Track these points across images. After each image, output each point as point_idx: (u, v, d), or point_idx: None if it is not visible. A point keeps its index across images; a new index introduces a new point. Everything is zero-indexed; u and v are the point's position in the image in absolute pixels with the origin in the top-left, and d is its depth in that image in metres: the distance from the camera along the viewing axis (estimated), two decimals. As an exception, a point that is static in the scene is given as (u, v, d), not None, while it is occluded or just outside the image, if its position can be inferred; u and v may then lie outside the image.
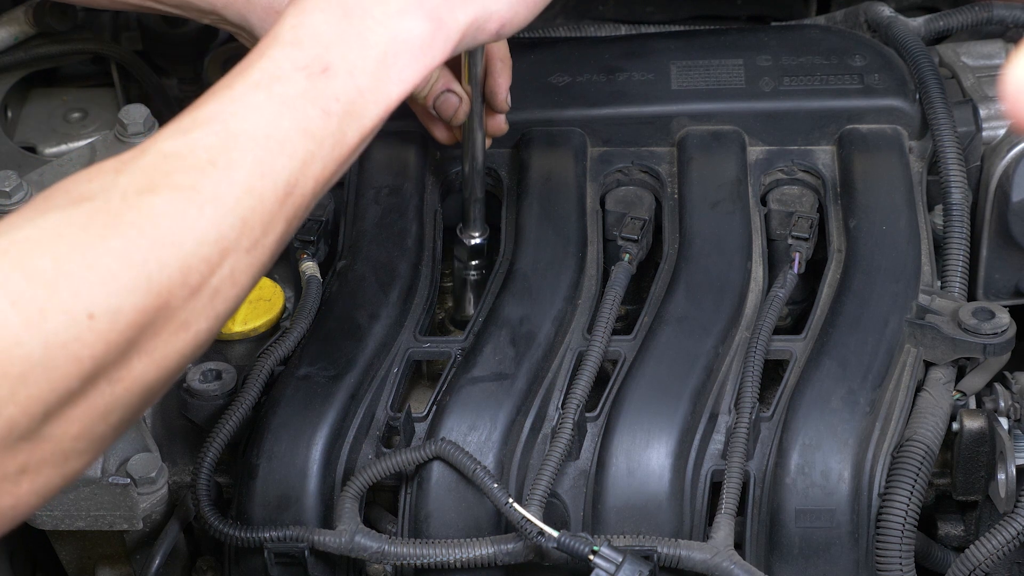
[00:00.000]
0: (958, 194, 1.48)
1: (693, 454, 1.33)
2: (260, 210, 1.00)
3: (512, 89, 1.45)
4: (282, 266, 1.49)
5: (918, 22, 1.65)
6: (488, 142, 1.45)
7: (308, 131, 1.04)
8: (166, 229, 0.95)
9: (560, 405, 1.35)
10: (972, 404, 1.38)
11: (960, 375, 1.39)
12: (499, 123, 1.46)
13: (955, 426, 1.35)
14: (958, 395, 1.38)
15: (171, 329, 0.95)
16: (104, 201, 0.94)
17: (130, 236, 0.93)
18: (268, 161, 1.01)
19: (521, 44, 1.53)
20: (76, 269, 0.90)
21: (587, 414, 1.35)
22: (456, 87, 1.37)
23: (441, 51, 1.12)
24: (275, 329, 1.46)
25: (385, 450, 1.35)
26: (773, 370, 1.43)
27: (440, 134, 1.46)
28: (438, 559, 1.29)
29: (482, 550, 1.29)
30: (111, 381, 0.92)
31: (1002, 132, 1.54)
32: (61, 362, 0.88)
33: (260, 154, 1.01)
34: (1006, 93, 0.78)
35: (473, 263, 1.50)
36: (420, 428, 1.36)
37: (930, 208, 1.51)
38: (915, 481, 1.28)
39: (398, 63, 1.09)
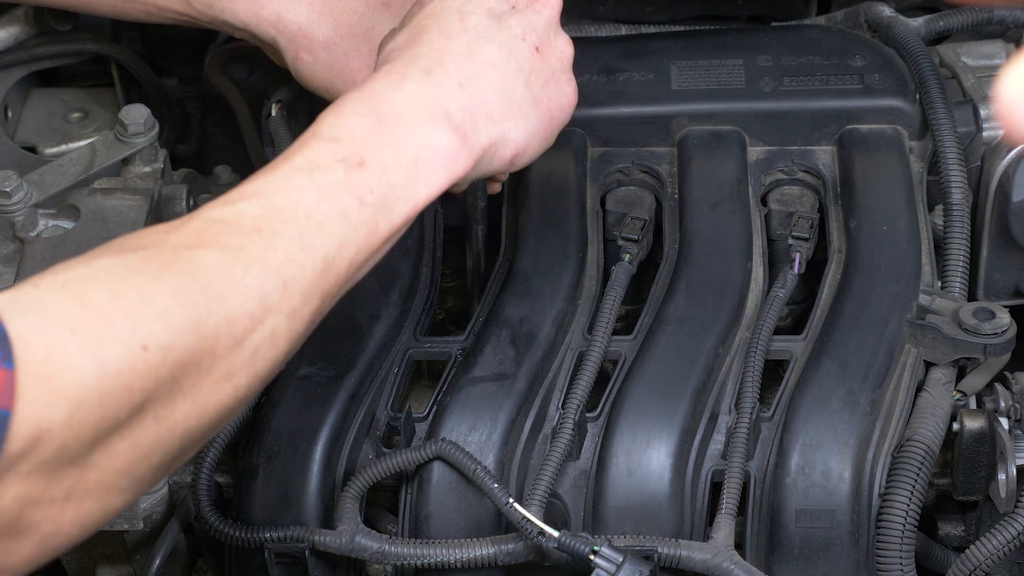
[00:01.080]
0: (958, 194, 1.48)
1: (693, 454, 1.33)
2: (300, 279, 1.05)
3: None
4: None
5: (918, 22, 1.65)
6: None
7: (345, 216, 1.09)
8: (215, 279, 1.00)
9: (560, 405, 1.35)
10: (972, 404, 1.38)
11: (960, 375, 1.39)
12: (495, 187, 1.49)
13: (955, 426, 1.35)
14: (958, 395, 1.38)
15: (215, 377, 0.99)
16: (156, 252, 0.99)
17: (182, 281, 0.98)
18: (308, 236, 1.06)
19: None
20: (132, 303, 0.94)
21: (587, 414, 1.35)
22: None
23: (464, 165, 1.19)
24: (275, 329, 1.46)
25: (385, 450, 1.35)
26: (773, 370, 1.43)
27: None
28: (438, 559, 1.29)
29: (482, 550, 1.29)
30: (157, 419, 0.95)
31: (1002, 132, 1.54)
32: (114, 390, 0.91)
33: (301, 228, 1.06)
34: (999, 104, 0.78)
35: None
36: (420, 428, 1.36)
37: (930, 208, 1.51)
38: (915, 481, 1.28)
39: (427, 168, 1.16)
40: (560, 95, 1.28)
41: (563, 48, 1.30)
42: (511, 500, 1.27)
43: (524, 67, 1.25)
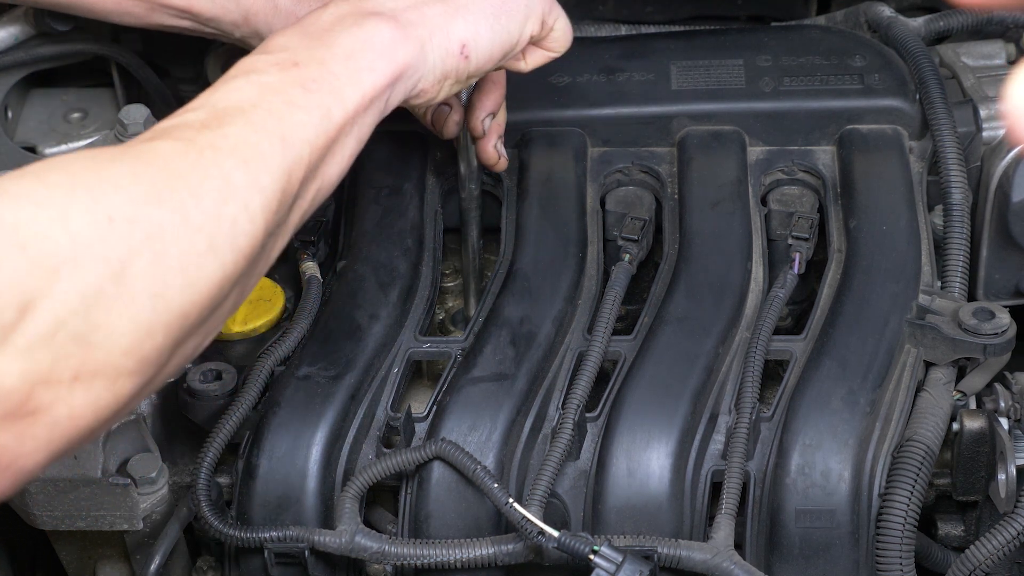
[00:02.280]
0: (958, 194, 1.48)
1: (693, 454, 1.33)
2: (258, 157, 1.08)
3: (512, 89, 1.45)
4: (282, 266, 1.49)
5: (918, 22, 1.65)
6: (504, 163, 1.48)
7: (291, 102, 1.12)
8: (170, 161, 1.03)
9: (560, 405, 1.35)
10: (972, 404, 1.38)
11: (960, 375, 1.39)
12: (487, 153, 1.47)
13: (955, 426, 1.35)
14: (958, 395, 1.38)
15: (198, 250, 1.01)
16: (108, 149, 1.03)
17: (136, 163, 1.01)
18: (257, 121, 1.09)
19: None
20: (89, 181, 0.98)
21: (587, 414, 1.35)
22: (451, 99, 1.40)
23: (406, 52, 1.22)
24: (275, 329, 1.46)
25: (385, 450, 1.35)
26: (773, 370, 1.43)
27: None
28: (438, 559, 1.29)
29: (482, 550, 1.29)
30: (151, 295, 0.97)
31: (1002, 132, 1.54)
32: (89, 259, 0.94)
33: (249, 117, 1.09)
34: (1007, 103, 0.78)
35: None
36: (420, 428, 1.36)
37: (930, 208, 1.51)
38: (915, 481, 1.28)
39: (366, 57, 1.19)
40: None
41: None
42: (511, 500, 1.27)
43: None
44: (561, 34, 1.36)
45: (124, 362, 0.96)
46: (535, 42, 1.35)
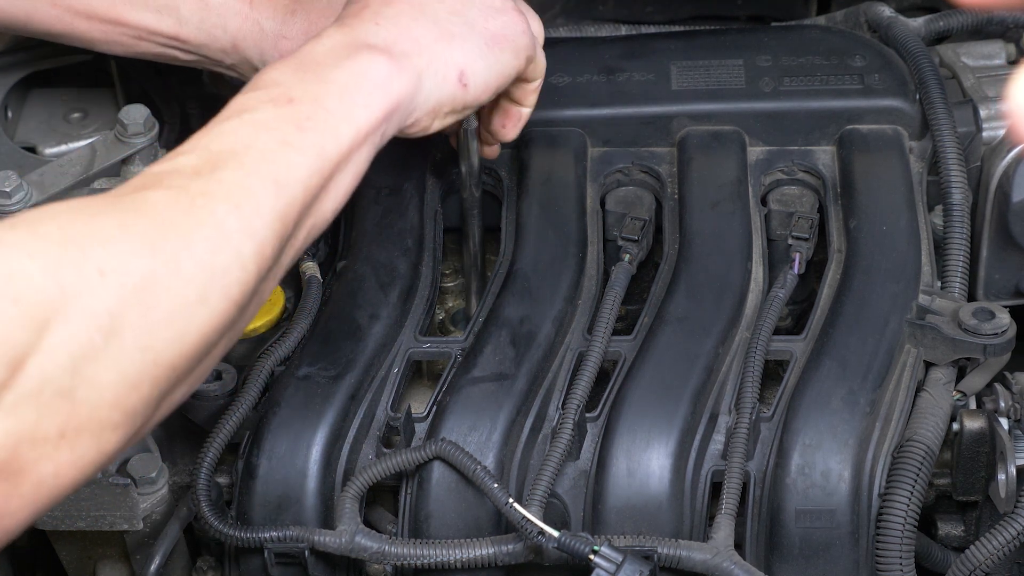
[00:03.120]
0: (958, 194, 1.48)
1: (693, 454, 1.33)
2: (252, 201, 1.06)
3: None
4: (282, 266, 1.49)
5: (918, 22, 1.65)
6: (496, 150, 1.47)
7: (286, 142, 1.11)
8: (162, 211, 1.02)
9: (560, 405, 1.35)
10: (972, 404, 1.38)
11: (960, 375, 1.39)
12: (492, 150, 1.49)
13: (955, 426, 1.35)
14: (958, 395, 1.38)
15: (189, 301, 1.00)
16: (99, 198, 1.02)
17: (128, 214, 1.00)
18: (251, 165, 1.08)
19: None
20: (80, 233, 0.97)
21: (587, 414, 1.35)
22: None
23: (402, 85, 1.21)
24: (275, 329, 1.46)
25: (385, 450, 1.35)
26: (773, 370, 1.43)
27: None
28: (438, 559, 1.29)
29: (482, 550, 1.29)
30: (140, 348, 0.96)
31: (1002, 132, 1.54)
32: (80, 313, 0.93)
33: (242, 160, 1.08)
34: (1010, 101, 0.78)
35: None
36: (420, 428, 1.36)
37: (930, 208, 1.51)
38: (915, 481, 1.28)
39: (361, 91, 1.18)
40: (496, 16, 1.30)
41: None
42: (511, 500, 1.27)
43: (447, 3, 1.28)
44: (540, 67, 1.38)
45: (110, 416, 0.95)
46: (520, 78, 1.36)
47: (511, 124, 1.42)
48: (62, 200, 1.01)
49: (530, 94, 1.40)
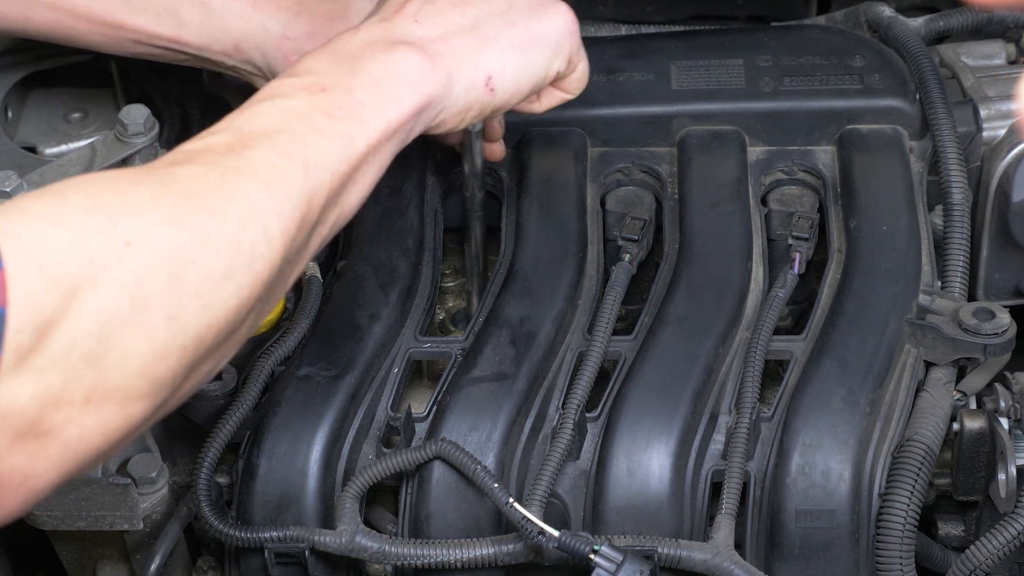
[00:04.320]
0: (958, 194, 1.48)
1: (693, 454, 1.33)
2: (281, 180, 1.08)
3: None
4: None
5: (918, 22, 1.65)
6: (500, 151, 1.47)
7: (316, 128, 1.12)
8: (192, 184, 1.03)
9: (560, 405, 1.35)
10: (972, 404, 1.38)
11: (960, 375, 1.39)
12: (494, 150, 1.49)
13: (955, 426, 1.35)
14: (958, 395, 1.38)
15: (216, 276, 1.01)
16: (130, 172, 1.04)
17: (157, 187, 1.01)
18: (281, 146, 1.09)
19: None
20: (109, 202, 0.97)
21: (587, 414, 1.35)
22: None
23: (433, 84, 1.22)
24: (275, 329, 1.46)
25: (385, 450, 1.35)
26: (773, 370, 1.43)
27: None
28: (438, 559, 1.29)
29: (482, 550, 1.29)
30: (167, 317, 0.97)
31: (1002, 132, 1.54)
32: (107, 282, 0.94)
33: (274, 141, 1.09)
34: (1021, 104, 0.78)
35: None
36: (420, 428, 1.36)
37: (930, 208, 1.51)
38: (915, 481, 1.28)
39: (393, 86, 1.19)
40: (541, 18, 1.30)
41: None
42: (511, 500, 1.27)
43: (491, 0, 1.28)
44: (581, 75, 1.37)
45: (137, 384, 0.96)
46: (556, 81, 1.35)
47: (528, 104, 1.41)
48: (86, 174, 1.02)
49: (550, 97, 1.38)
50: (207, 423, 1.38)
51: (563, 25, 1.32)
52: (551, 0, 1.32)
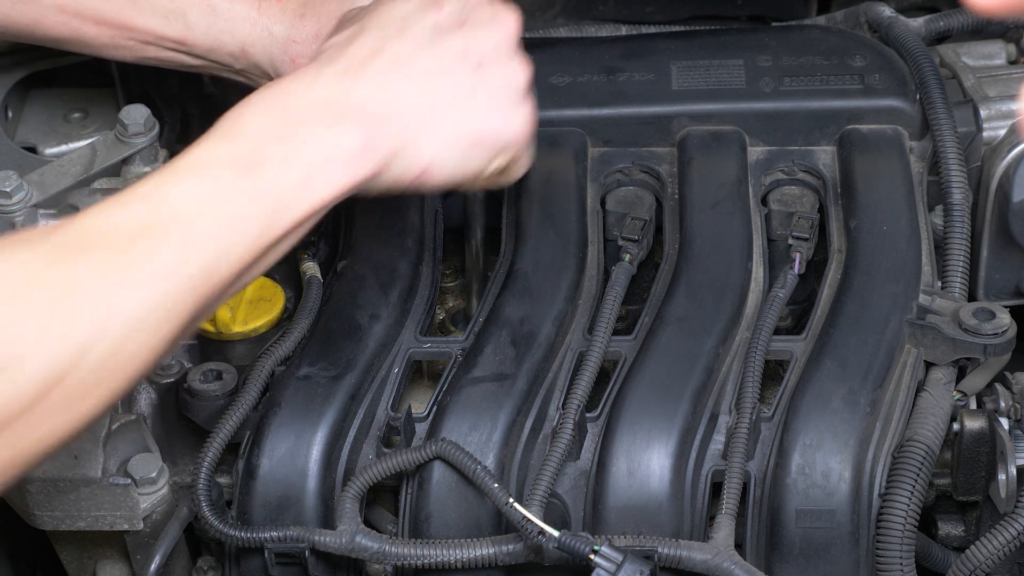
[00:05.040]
0: (958, 194, 1.48)
1: (694, 454, 1.33)
2: (180, 288, 1.07)
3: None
4: (282, 266, 1.49)
5: (918, 22, 1.65)
6: None
7: (234, 216, 1.11)
8: (89, 289, 1.02)
9: (561, 405, 1.35)
10: (973, 404, 1.38)
11: (960, 375, 1.39)
12: None
13: (955, 426, 1.35)
14: (959, 395, 1.38)
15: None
16: (37, 250, 1.02)
17: (51, 296, 1.00)
18: (194, 239, 1.08)
19: (521, 44, 1.53)
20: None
21: (587, 414, 1.35)
22: None
23: (368, 167, 1.20)
24: (275, 329, 1.46)
25: (385, 450, 1.35)
26: (773, 370, 1.43)
27: None
28: (438, 559, 1.29)
29: (482, 550, 1.29)
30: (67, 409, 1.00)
31: (1002, 132, 1.54)
32: None
33: (185, 234, 1.07)
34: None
35: None
36: (420, 428, 1.36)
37: (930, 208, 1.51)
38: (915, 481, 1.28)
39: (326, 167, 1.17)
40: (497, 118, 1.28)
41: (513, 72, 1.29)
42: (511, 500, 1.27)
43: (457, 84, 1.25)
44: (519, 171, 1.35)
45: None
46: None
47: None
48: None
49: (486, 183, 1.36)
50: (207, 423, 1.38)
51: (520, 131, 1.30)
52: (521, 97, 1.30)
